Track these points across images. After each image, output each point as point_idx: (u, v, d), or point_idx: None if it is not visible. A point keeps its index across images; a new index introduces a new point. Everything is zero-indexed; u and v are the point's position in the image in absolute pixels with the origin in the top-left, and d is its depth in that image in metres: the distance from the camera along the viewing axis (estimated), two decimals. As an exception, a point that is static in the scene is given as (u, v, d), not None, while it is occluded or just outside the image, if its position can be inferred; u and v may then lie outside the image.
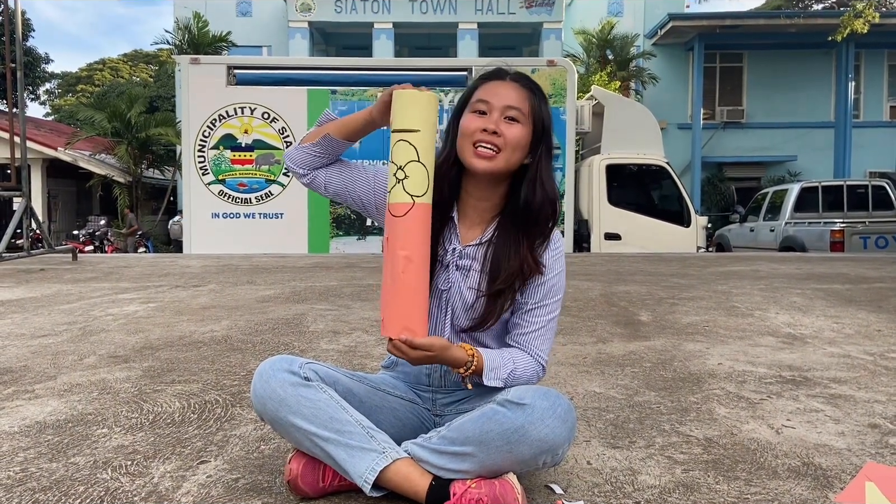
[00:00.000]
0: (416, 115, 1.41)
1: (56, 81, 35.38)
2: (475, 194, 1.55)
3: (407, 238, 1.40)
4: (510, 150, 1.46)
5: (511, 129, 1.47)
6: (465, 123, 1.49)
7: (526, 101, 1.49)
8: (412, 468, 1.38)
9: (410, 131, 1.40)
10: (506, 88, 1.50)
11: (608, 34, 17.85)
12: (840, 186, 11.66)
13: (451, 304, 1.55)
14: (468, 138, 1.48)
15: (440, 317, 1.56)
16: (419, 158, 1.39)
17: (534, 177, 1.51)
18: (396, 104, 1.43)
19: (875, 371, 2.63)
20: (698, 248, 10.76)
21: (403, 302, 1.40)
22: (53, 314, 3.94)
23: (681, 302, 4.40)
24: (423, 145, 1.40)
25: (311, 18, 18.70)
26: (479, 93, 1.51)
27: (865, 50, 18.60)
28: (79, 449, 1.76)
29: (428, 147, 1.41)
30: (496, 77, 1.54)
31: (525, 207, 1.50)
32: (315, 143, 1.58)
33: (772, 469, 1.64)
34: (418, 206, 1.40)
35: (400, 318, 1.40)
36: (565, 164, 10.06)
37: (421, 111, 1.41)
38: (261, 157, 9.84)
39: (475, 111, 1.50)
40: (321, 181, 1.62)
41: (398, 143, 1.41)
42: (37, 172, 17.18)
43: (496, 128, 1.46)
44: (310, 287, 5.11)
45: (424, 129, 1.40)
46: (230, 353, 2.91)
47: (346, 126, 1.57)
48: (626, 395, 2.29)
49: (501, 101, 1.48)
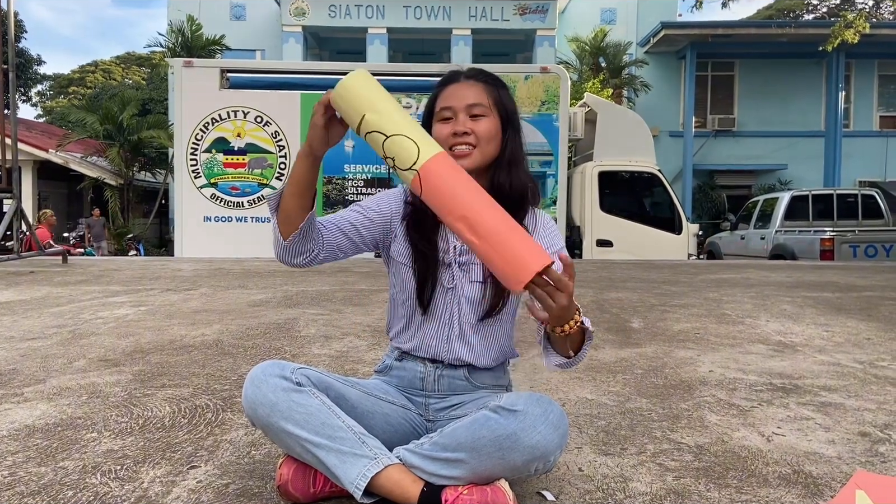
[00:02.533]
0: (351, 104, 1.34)
1: (48, 83, 35.26)
2: None
3: (446, 203, 1.28)
4: (484, 143, 1.53)
5: (479, 124, 1.52)
6: (436, 133, 1.53)
7: (485, 94, 1.55)
8: (404, 474, 1.37)
9: (361, 122, 1.33)
10: (463, 89, 1.56)
11: (601, 42, 17.96)
12: (830, 195, 11.74)
13: (458, 300, 1.57)
14: (443, 147, 1.49)
15: (450, 314, 1.58)
16: (386, 135, 1.31)
17: (506, 161, 1.57)
18: (337, 108, 1.38)
19: (865, 379, 2.64)
20: (689, 255, 10.81)
21: (502, 250, 1.22)
22: (43, 317, 3.92)
23: (672, 309, 4.41)
24: (378, 121, 1.32)
25: (305, 23, 18.72)
26: (441, 101, 1.57)
27: (856, 60, 18.76)
28: (68, 453, 1.75)
29: (387, 118, 1.32)
30: (452, 81, 1.59)
31: (499, 191, 1.53)
32: (294, 237, 1.47)
33: (762, 476, 1.65)
34: (423, 170, 1.29)
35: (514, 263, 1.21)
36: (558, 171, 10.09)
37: (351, 98, 1.34)
38: (253, 161, 9.82)
39: (441, 119, 1.55)
40: (328, 255, 1.55)
41: (366, 137, 1.34)
42: (27, 174, 17.08)
43: (465, 128, 1.51)
44: (302, 291, 5.10)
45: (367, 110, 1.32)
46: (221, 358, 2.90)
47: (296, 182, 1.46)
48: (618, 401, 2.29)
49: (463, 101, 1.54)
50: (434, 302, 1.57)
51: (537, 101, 10.05)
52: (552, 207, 10.10)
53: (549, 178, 10.15)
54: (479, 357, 1.59)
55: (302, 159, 1.46)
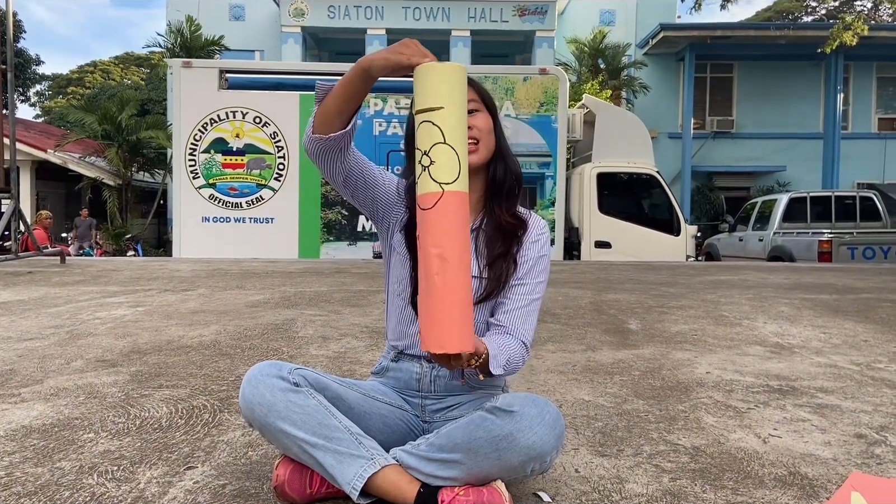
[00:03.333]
0: (438, 89, 1.26)
1: (47, 83, 35.22)
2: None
3: (438, 233, 1.24)
4: (486, 137, 1.57)
5: (478, 119, 1.56)
6: None
7: (474, 91, 1.58)
8: (400, 475, 1.38)
9: (432, 110, 1.25)
10: None
11: (600, 43, 17.96)
12: (828, 197, 11.75)
13: None
14: None
15: None
16: (445, 140, 1.24)
17: (500, 155, 1.62)
18: (417, 80, 1.29)
19: (861, 381, 2.64)
20: (687, 256, 10.81)
21: (440, 310, 1.23)
22: (41, 317, 3.92)
23: (670, 311, 4.42)
24: (450, 124, 1.24)
25: (305, 23, 18.71)
26: None
27: (854, 62, 18.79)
28: (65, 454, 1.75)
29: (455, 126, 1.25)
30: None
31: (498, 181, 1.60)
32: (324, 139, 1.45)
33: (758, 478, 1.65)
34: (448, 194, 1.24)
35: (437, 329, 1.23)
36: (556, 172, 10.09)
37: (443, 85, 1.26)
38: (252, 162, 9.82)
39: None
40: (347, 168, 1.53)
41: (421, 125, 1.26)
42: (26, 174, 17.06)
43: (469, 122, 1.52)
44: (300, 292, 5.10)
45: (449, 106, 1.25)
46: (219, 358, 2.90)
47: (344, 85, 1.42)
48: (615, 403, 2.30)
49: None
50: None
51: (536, 102, 10.06)
52: (551, 209, 10.10)
53: (547, 180, 10.15)
54: None
55: (357, 70, 1.39)
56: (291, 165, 9.84)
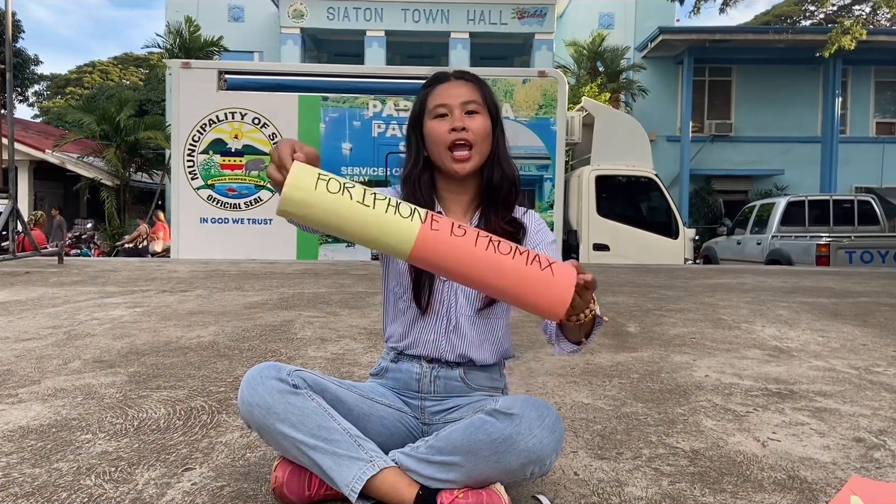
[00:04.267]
0: (311, 218, 1.20)
1: (45, 83, 35.19)
2: (454, 190, 1.62)
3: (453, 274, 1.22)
4: (480, 141, 1.55)
5: (475, 121, 1.54)
6: (433, 130, 1.55)
7: (477, 92, 1.58)
8: (399, 477, 1.37)
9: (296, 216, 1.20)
10: (455, 87, 1.58)
11: (599, 46, 17.98)
12: (826, 201, 11.76)
13: (454, 292, 1.57)
14: (442, 144, 1.54)
15: (447, 306, 1.58)
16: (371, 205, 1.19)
17: (497, 160, 1.59)
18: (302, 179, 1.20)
19: (860, 385, 2.64)
20: (686, 259, 10.81)
21: (532, 276, 1.20)
22: (38, 318, 3.91)
23: (668, 313, 4.42)
24: (347, 231, 1.19)
25: (304, 25, 18.72)
26: (433, 99, 1.58)
27: (853, 66, 18.83)
28: (62, 455, 1.74)
29: (352, 227, 1.18)
30: (441, 80, 1.61)
31: (488, 186, 1.59)
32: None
33: (757, 482, 1.65)
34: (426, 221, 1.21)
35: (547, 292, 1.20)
36: (555, 175, 10.09)
37: (307, 210, 1.19)
38: (251, 163, 9.81)
39: (436, 116, 1.56)
40: None
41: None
42: (24, 174, 17.05)
43: (463, 124, 1.53)
44: (298, 294, 5.10)
45: (313, 204, 1.17)
46: (217, 360, 2.90)
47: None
48: (614, 406, 2.29)
49: (457, 98, 1.55)
50: (431, 295, 1.57)
51: (535, 104, 10.06)
52: (549, 211, 10.10)
53: (546, 182, 10.15)
54: (476, 350, 1.58)
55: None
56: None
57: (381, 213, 1.17)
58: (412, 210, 1.21)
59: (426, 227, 1.18)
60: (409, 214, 1.19)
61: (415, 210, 1.22)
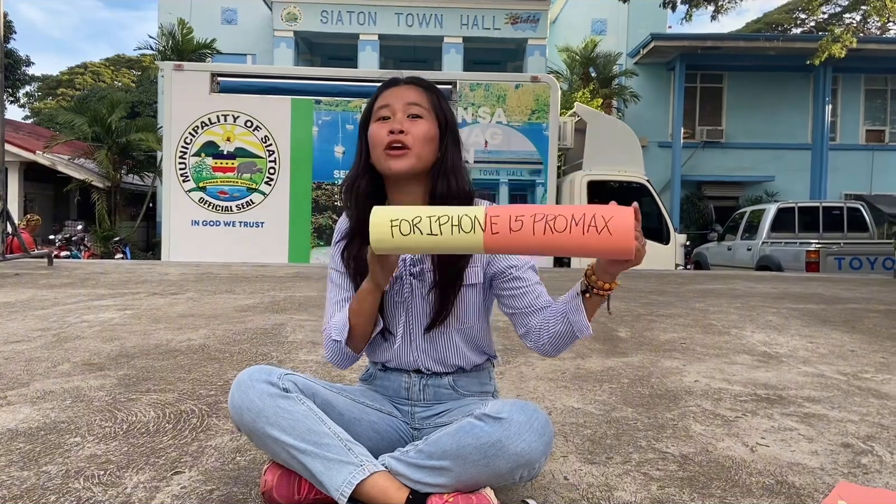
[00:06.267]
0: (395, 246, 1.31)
1: (36, 84, 35.06)
2: (403, 200, 1.56)
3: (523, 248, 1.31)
4: (420, 145, 1.51)
5: (416, 125, 1.52)
6: (373, 133, 1.54)
7: (424, 97, 1.56)
8: (389, 482, 1.37)
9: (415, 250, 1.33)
10: (403, 91, 1.57)
11: (591, 52, 18.08)
12: (816, 207, 11.85)
13: (415, 310, 1.57)
14: (379, 146, 1.52)
15: (408, 324, 1.57)
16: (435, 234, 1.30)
17: (443, 170, 1.55)
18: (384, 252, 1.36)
19: (848, 391, 2.66)
20: (676, 265, 10.86)
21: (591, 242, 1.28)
22: (27, 320, 3.89)
23: (659, 319, 4.43)
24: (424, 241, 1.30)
25: (297, 28, 18.72)
26: (379, 101, 1.57)
27: (843, 74, 18.98)
28: (51, 457, 1.73)
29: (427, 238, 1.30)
30: (392, 85, 1.59)
31: (432, 196, 1.54)
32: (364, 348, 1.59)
33: (746, 487, 1.66)
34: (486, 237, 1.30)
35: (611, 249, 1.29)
36: (547, 180, 10.13)
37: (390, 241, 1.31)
38: (243, 166, 9.80)
39: (379, 119, 1.55)
40: None
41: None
42: (14, 176, 16.95)
43: (402, 127, 1.51)
44: (289, 297, 5.09)
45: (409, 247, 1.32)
46: (207, 363, 2.89)
47: (367, 313, 1.51)
48: (604, 410, 2.30)
49: (401, 100, 1.54)
50: (389, 316, 1.58)
51: (527, 109, 10.10)
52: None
53: (538, 187, 10.19)
54: (459, 357, 1.59)
55: (370, 294, 1.48)
56: (282, 170, 9.83)
57: (448, 236, 1.29)
58: (472, 222, 1.29)
59: (487, 234, 1.28)
60: (471, 228, 1.28)
61: (475, 220, 1.28)
